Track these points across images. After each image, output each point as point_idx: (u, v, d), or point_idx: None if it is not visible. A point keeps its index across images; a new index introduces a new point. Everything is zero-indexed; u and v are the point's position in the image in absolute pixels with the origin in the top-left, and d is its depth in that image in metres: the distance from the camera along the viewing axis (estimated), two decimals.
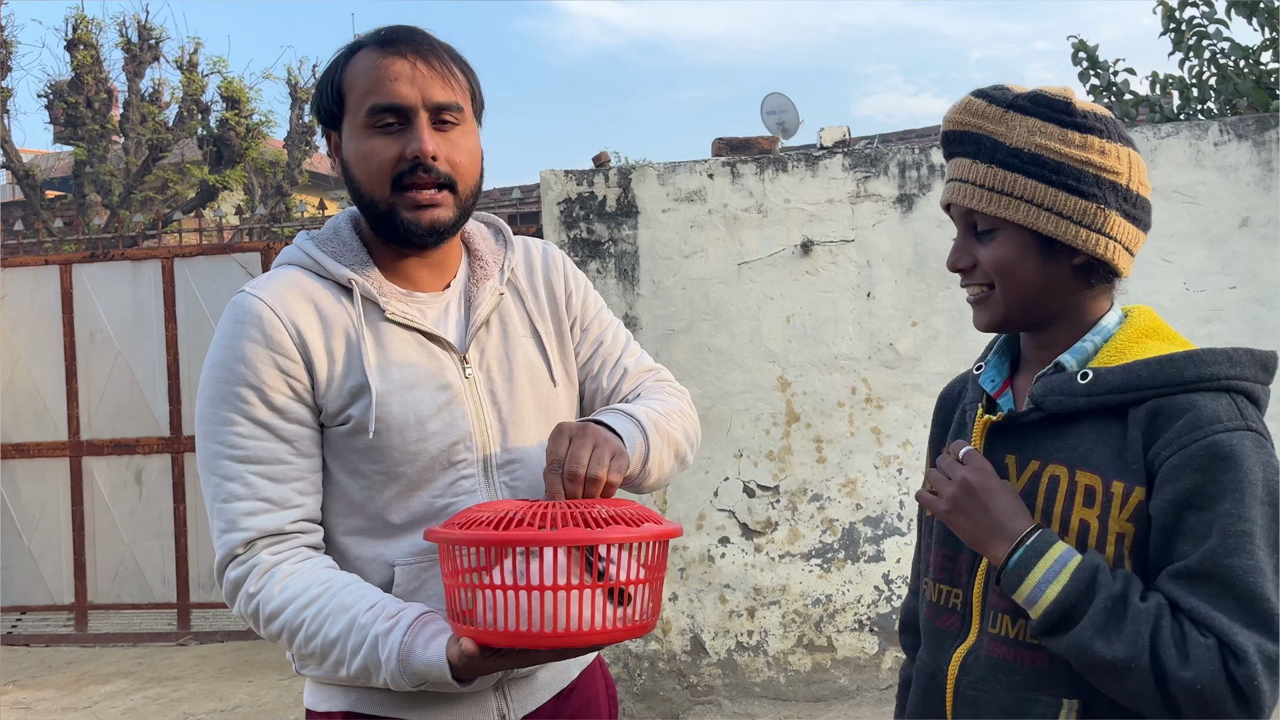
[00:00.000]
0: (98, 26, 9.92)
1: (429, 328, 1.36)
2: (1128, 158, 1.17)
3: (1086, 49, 5.81)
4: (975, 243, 1.22)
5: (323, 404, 1.33)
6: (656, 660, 4.44)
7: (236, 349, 1.31)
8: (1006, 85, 1.22)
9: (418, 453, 1.33)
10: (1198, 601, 1.07)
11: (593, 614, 1.11)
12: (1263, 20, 5.40)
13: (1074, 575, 1.10)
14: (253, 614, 1.29)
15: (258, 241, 5.85)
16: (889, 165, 4.37)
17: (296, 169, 10.57)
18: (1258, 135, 4.15)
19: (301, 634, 1.26)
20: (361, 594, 1.27)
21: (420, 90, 1.31)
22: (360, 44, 1.35)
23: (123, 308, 5.89)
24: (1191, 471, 1.09)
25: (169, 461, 5.85)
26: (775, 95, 8.97)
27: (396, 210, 1.32)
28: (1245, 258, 4.14)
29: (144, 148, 9.85)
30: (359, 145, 1.32)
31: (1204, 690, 1.05)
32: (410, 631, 1.22)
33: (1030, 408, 1.20)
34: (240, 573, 1.29)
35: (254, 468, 1.30)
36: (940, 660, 1.25)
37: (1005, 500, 1.17)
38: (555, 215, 4.54)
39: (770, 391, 4.39)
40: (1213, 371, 1.12)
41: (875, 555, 4.36)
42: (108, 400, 5.92)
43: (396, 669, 1.21)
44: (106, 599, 5.98)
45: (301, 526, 1.32)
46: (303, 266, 1.38)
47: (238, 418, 1.30)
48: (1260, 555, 1.07)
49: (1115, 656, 1.07)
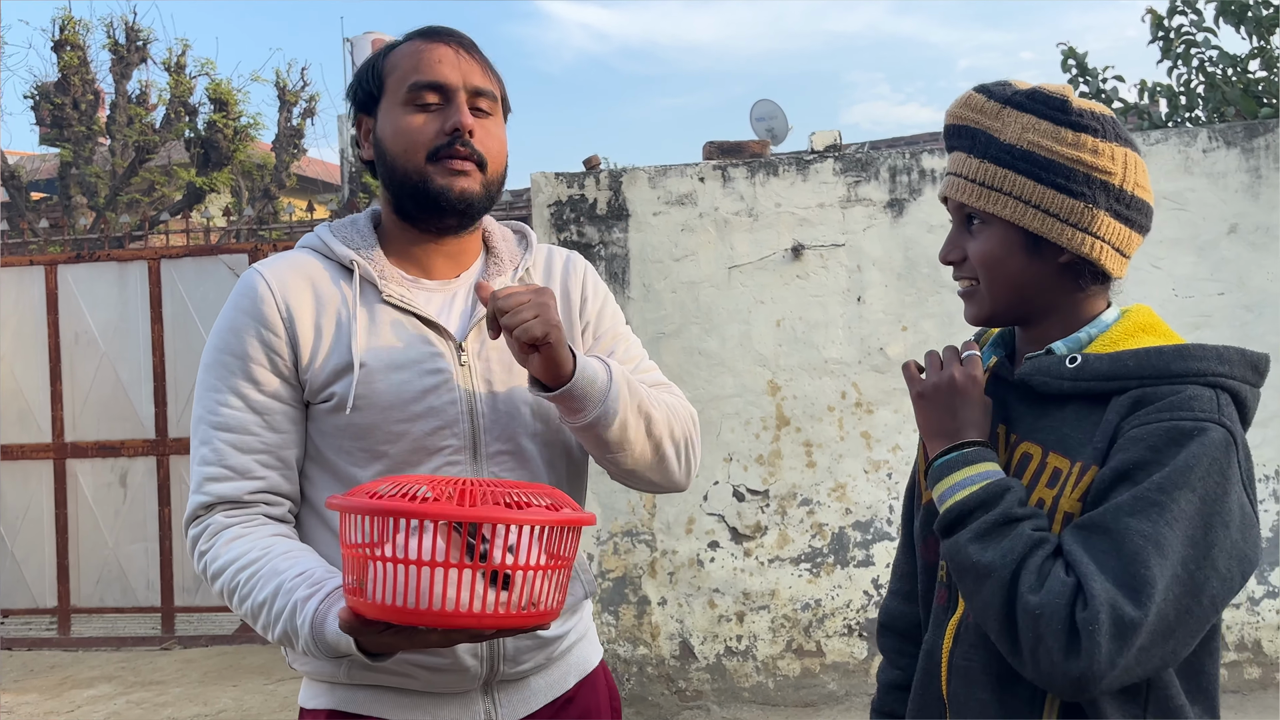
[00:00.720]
0: (85, 28, 9.86)
1: (425, 312, 1.38)
2: (1124, 158, 1.16)
3: (1076, 56, 5.84)
4: (967, 236, 1.22)
5: (306, 380, 1.35)
6: (645, 665, 4.42)
7: (230, 319, 1.37)
8: (1010, 81, 1.22)
9: (401, 433, 1.33)
10: (1078, 548, 1.07)
11: (470, 596, 1.07)
12: (1250, 29, 5.43)
13: (985, 486, 1.13)
14: (200, 572, 1.34)
15: (245, 243, 5.82)
16: (880, 170, 4.38)
17: (284, 172, 10.53)
18: (1246, 142, 4.17)
19: (237, 595, 1.29)
20: (295, 561, 1.28)
21: (462, 73, 1.37)
22: (405, 37, 1.42)
23: (108, 309, 5.85)
24: (1143, 447, 1.08)
25: (154, 464, 5.80)
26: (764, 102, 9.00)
27: (429, 179, 1.36)
28: (1234, 264, 4.16)
29: (130, 149, 9.79)
30: (397, 121, 1.37)
31: (1042, 620, 1.04)
32: (327, 601, 1.21)
33: (1017, 378, 1.21)
34: (196, 531, 1.34)
35: (224, 435, 1.34)
36: (936, 636, 1.26)
37: (972, 412, 1.20)
38: (545, 218, 4.53)
39: (760, 395, 4.39)
40: (1200, 367, 1.12)
41: (865, 560, 4.36)
42: (92, 402, 5.88)
43: (309, 636, 1.21)
44: (90, 602, 5.93)
45: (263, 498, 1.35)
46: (313, 249, 1.43)
47: (221, 385, 1.35)
48: (1164, 531, 1.04)
49: (981, 561, 1.10)
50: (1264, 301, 4.14)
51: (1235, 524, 1.07)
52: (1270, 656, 4.15)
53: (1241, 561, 1.07)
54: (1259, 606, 4.16)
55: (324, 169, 14.05)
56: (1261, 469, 4.15)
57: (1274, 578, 4.16)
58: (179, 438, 5.74)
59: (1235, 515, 1.07)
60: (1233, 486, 1.07)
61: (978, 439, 1.18)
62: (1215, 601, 1.06)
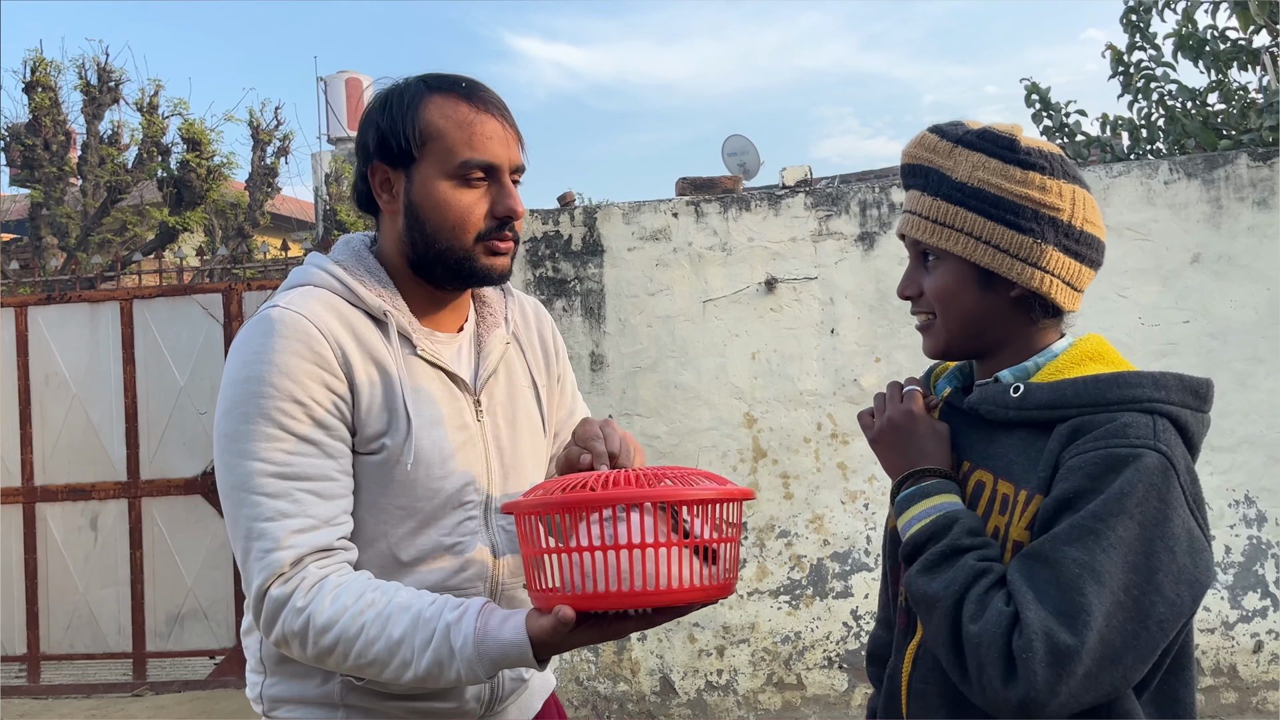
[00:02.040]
0: (56, 69, 9.84)
1: (453, 368, 1.38)
2: (1071, 194, 1.20)
3: (1039, 91, 5.96)
4: (923, 272, 1.26)
5: (359, 428, 1.31)
6: (625, 702, 4.39)
7: (278, 361, 1.26)
8: (963, 121, 1.26)
9: (437, 490, 1.33)
10: (1019, 577, 1.10)
11: (688, 571, 1.11)
12: (1209, 63, 5.57)
13: (935, 520, 1.17)
14: (301, 629, 1.23)
15: (219, 282, 5.80)
16: (850, 204, 4.44)
17: (258, 210, 10.51)
18: (1207, 174, 4.26)
19: (361, 639, 1.21)
20: (418, 594, 1.25)
21: (509, 152, 1.36)
22: (433, 87, 1.35)
23: (79, 350, 5.79)
24: (1081, 476, 1.10)
25: (125, 506, 5.73)
26: (736, 137, 9.10)
27: (474, 257, 1.35)
28: (1197, 293, 4.24)
29: (102, 190, 9.75)
30: (443, 194, 1.33)
31: (980, 648, 1.08)
32: (482, 616, 1.20)
33: (967, 407, 1.25)
34: (286, 590, 1.23)
35: (301, 484, 1.25)
36: (898, 660, 1.29)
37: (922, 443, 1.24)
38: (521, 254, 4.55)
39: (736, 428, 4.40)
40: (1136, 394, 1.14)
41: (843, 591, 4.36)
42: (63, 445, 5.80)
43: (474, 654, 1.18)
44: (60, 649, 5.82)
45: (344, 544, 1.29)
46: (331, 290, 1.35)
47: (280, 432, 1.25)
48: (1101, 559, 1.06)
49: (927, 593, 1.14)
50: (1228, 329, 4.21)
51: (1182, 548, 1.09)
52: (1246, 681, 4.18)
53: (1191, 585, 1.09)
54: (1233, 631, 4.20)
55: (298, 207, 14.04)
56: (1230, 494, 4.21)
57: (1247, 602, 4.20)
58: (151, 479, 5.68)
59: (1181, 539, 1.09)
60: (1174, 511, 1.09)
61: (935, 468, 1.22)
62: (1164, 625, 1.08)
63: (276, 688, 1.37)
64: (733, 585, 1.18)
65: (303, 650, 1.24)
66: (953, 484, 1.21)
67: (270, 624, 1.25)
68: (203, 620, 5.62)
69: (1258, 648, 4.19)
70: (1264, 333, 4.19)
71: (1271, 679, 4.17)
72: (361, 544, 1.32)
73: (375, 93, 1.38)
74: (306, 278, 1.37)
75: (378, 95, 1.38)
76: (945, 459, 1.24)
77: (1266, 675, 4.17)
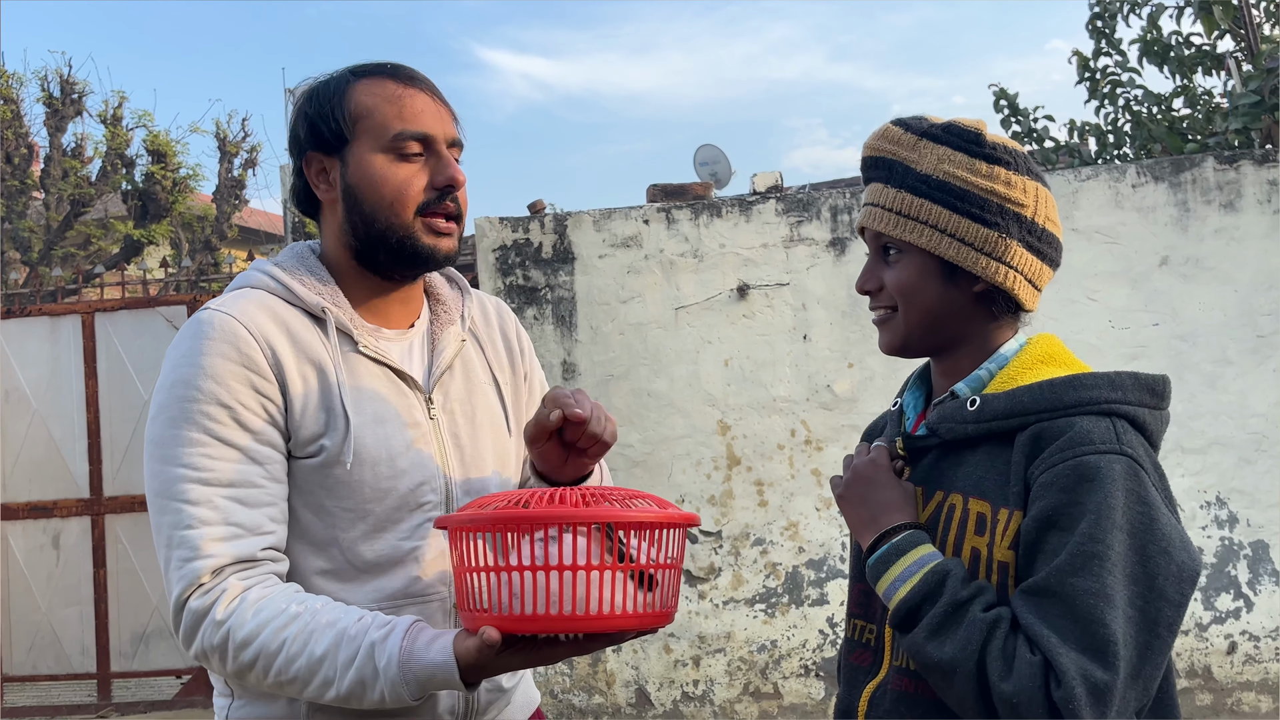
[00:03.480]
0: (18, 81, 9.72)
1: (399, 364, 1.34)
2: (1035, 191, 1.19)
3: (1007, 97, 6.00)
4: (884, 266, 1.24)
5: (293, 431, 1.26)
6: (601, 714, 4.34)
7: (205, 365, 1.23)
8: (926, 116, 1.25)
9: (388, 490, 1.28)
10: (1035, 619, 1.07)
11: (622, 597, 1.07)
12: (1174, 68, 5.63)
13: (923, 578, 1.12)
14: (220, 644, 1.18)
15: (184, 294, 5.71)
16: (821, 210, 4.43)
17: (226, 223, 10.41)
18: (1174, 177, 4.29)
19: (282, 656, 1.16)
20: (344, 610, 1.20)
21: (443, 125, 1.34)
22: (359, 73, 1.35)
23: (40, 365, 5.68)
24: (1056, 490, 1.08)
25: (89, 524, 5.62)
26: (707, 147, 9.09)
27: (416, 235, 1.31)
28: (1166, 295, 4.26)
29: (65, 203, 9.62)
30: (379, 170, 1.30)
31: (1020, 706, 1.04)
32: (409, 636, 1.16)
33: (926, 434, 1.22)
34: (205, 602, 1.19)
35: (224, 490, 1.21)
36: (853, 697, 1.26)
37: (886, 494, 1.20)
38: (491, 262, 4.51)
39: (710, 435, 4.38)
40: (1092, 396, 1.13)
41: (819, 599, 4.34)
42: (23, 461, 5.69)
43: (397, 675, 1.14)
44: (22, 670, 5.69)
45: (271, 555, 1.24)
46: (268, 291, 1.32)
47: (205, 437, 1.21)
48: (1108, 580, 1.05)
49: (942, 659, 1.09)
50: (1197, 331, 4.24)
51: (1175, 546, 1.08)
52: (1220, 682, 4.19)
53: (1190, 580, 1.09)
54: (1207, 632, 4.21)
55: (266, 219, 13.92)
56: (1202, 495, 4.23)
57: (1220, 603, 4.22)
58: (114, 496, 5.57)
59: (1173, 538, 1.08)
60: (1157, 511, 1.09)
61: (904, 522, 1.18)
62: (1171, 626, 1.08)
63: (243, 710, 1.32)
64: (671, 614, 1.14)
65: (223, 665, 1.20)
66: (924, 534, 1.18)
67: (189, 637, 1.20)
68: (168, 639, 5.51)
69: (1231, 649, 4.20)
70: (1232, 334, 4.21)
71: (1246, 680, 4.18)
72: (313, 549, 1.28)
73: (302, 89, 1.36)
74: (245, 280, 1.35)
75: (305, 90, 1.37)
76: (912, 513, 1.20)
77: (1241, 676, 4.19)
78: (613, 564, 1.07)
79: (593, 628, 1.08)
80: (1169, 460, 4.20)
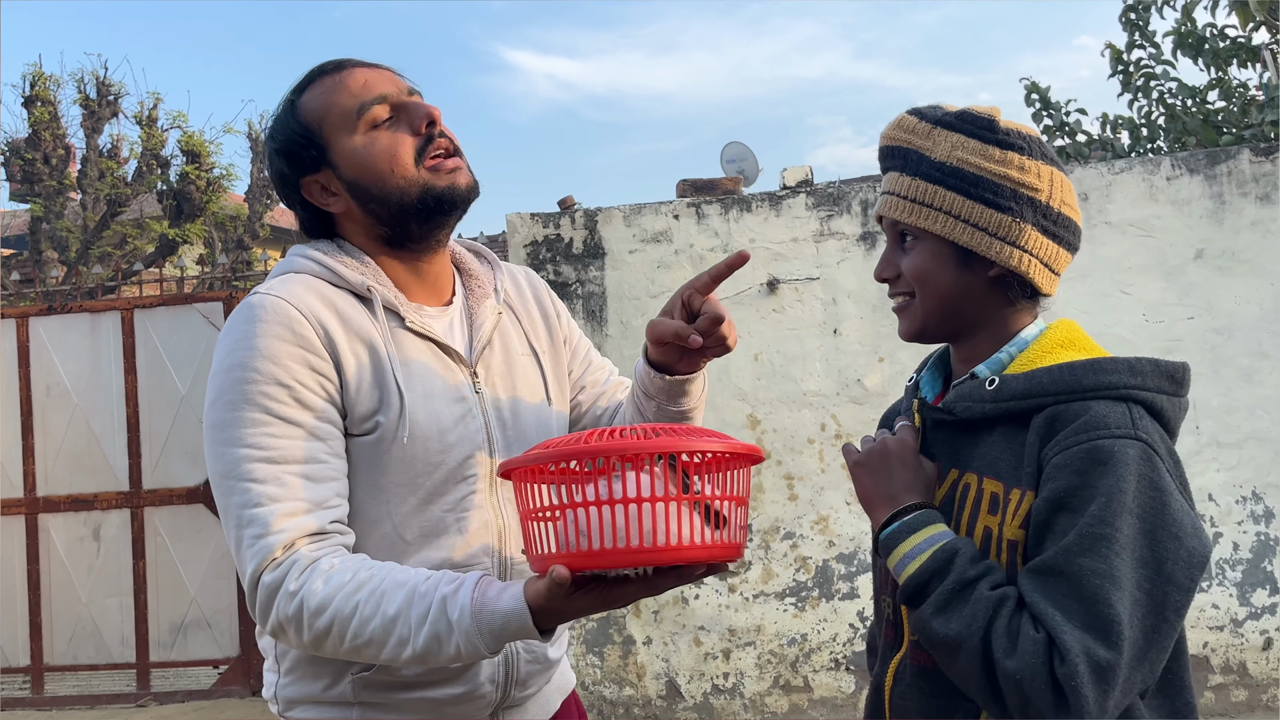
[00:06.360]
0: (55, 83, 9.86)
1: (445, 339, 1.36)
2: (1049, 176, 1.20)
3: (1039, 90, 5.96)
4: (901, 253, 1.25)
5: (349, 408, 1.28)
6: (631, 706, 4.37)
7: (260, 347, 1.25)
8: (941, 105, 1.26)
9: (438, 464, 1.31)
10: (1040, 597, 1.08)
11: (690, 529, 1.06)
12: (1208, 60, 5.57)
13: (933, 555, 1.13)
14: (294, 614, 1.20)
15: (220, 291, 5.79)
16: (851, 204, 4.43)
17: (258, 222, 10.52)
18: (1209, 169, 4.25)
19: (356, 619, 1.18)
20: (413, 571, 1.21)
21: (391, 82, 1.37)
22: (298, 90, 1.38)
23: (81, 360, 5.79)
24: (1069, 473, 1.09)
25: (128, 516, 5.71)
26: (735, 144, 9.08)
27: (430, 186, 1.33)
28: (1201, 288, 4.22)
29: (102, 203, 9.76)
30: (365, 148, 1.33)
31: (1024, 682, 1.05)
32: (479, 588, 1.17)
33: (944, 411, 1.23)
34: (277, 575, 1.20)
35: (290, 468, 1.23)
36: (881, 672, 1.28)
37: (907, 474, 1.21)
38: (522, 258, 4.55)
39: (740, 430, 4.39)
40: (1110, 380, 1.13)
41: (849, 593, 4.34)
42: (65, 455, 5.79)
43: (471, 626, 1.15)
44: (63, 660, 5.79)
45: (339, 528, 1.26)
46: (312, 274, 1.34)
47: (267, 417, 1.23)
48: (1115, 563, 1.05)
49: (947, 635, 1.10)
50: (1232, 325, 4.20)
51: (1186, 531, 1.09)
52: (1256, 678, 4.16)
53: (1199, 565, 1.09)
54: (1242, 628, 4.18)
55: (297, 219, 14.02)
56: (1238, 490, 4.19)
57: (1256, 599, 4.18)
58: (153, 489, 5.66)
59: (1184, 523, 1.09)
60: (1170, 497, 1.09)
61: (918, 502, 1.19)
62: (1179, 610, 1.08)
63: (290, 689, 1.35)
64: (741, 549, 1.13)
65: (299, 636, 1.22)
66: (937, 514, 1.19)
67: (265, 612, 1.22)
68: (206, 630, 5.60)
69: (1267, 645, 4.16)
70: (1269, 328, 4.17)
71: None
72: (365, 527, 1.30)
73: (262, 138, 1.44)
74: (288, 266, 1.37)
75: (265, 135, 1.42)
76: (929, 496, 1.21)
77: (1277, 672, 4.15)
78: (678, 495, 1.06)
79: (662, 560, 1.06)
80: (1204, 455, 4.16)
